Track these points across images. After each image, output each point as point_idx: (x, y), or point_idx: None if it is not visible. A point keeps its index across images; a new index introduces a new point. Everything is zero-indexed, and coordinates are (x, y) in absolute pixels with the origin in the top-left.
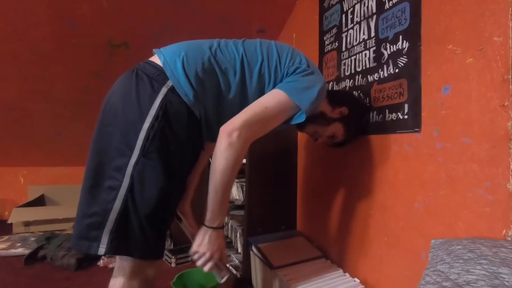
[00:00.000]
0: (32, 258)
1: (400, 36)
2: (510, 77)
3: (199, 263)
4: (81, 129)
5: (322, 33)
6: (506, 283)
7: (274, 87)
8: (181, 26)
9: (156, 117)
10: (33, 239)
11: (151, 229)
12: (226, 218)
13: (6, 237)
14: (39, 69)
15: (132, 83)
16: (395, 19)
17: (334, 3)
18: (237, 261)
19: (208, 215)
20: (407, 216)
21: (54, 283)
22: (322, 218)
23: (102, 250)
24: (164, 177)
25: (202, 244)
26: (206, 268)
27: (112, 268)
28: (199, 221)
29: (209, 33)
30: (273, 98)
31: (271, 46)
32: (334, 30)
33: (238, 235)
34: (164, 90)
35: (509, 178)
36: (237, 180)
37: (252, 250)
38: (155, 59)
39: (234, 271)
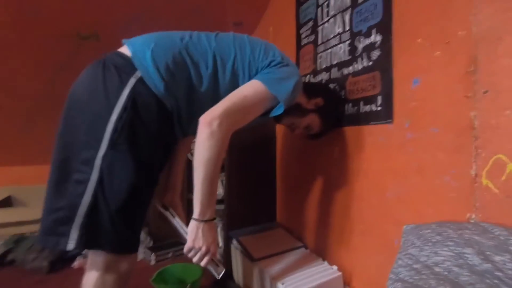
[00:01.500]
0: (0, 262)
1: (373, 30)
2: (472, 69)
3: (195, 259)
4: (48, 125)
5: (298, 26)
6: (469, 262)
7: (246, 80)
8: (154, 17)
9: (124, 109)
10: (0, 242)
11: (122, 223)
12: None
13: None
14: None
15: (99, 74)
16: (368, 13)
17: None
18: (218, 255)
19: (198, 208)
20: (380, 205)
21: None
22: (301, 209)
23: (71, 245)
24: (133, 170)
25: (196, 239)
26: (203, 263)
27: None
28: (188, 216)
29: (183, 25)
30: (251, 88)
31: (243, 41)
32: (310, 24)
33: (218, 229)
34: (132, 81)
35: (472, 165)
36: None
37: (233, 244)
38: (124, 49)
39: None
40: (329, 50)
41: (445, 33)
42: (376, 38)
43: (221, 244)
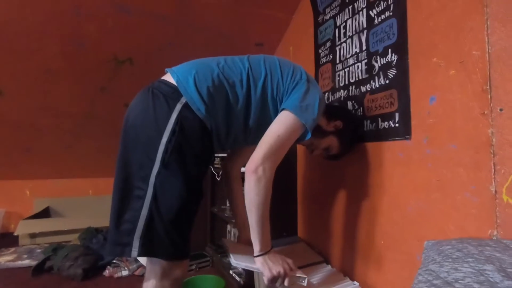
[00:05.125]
0: (39, 269)
1: (389, 50)
2: (488, 87)
3: (279, 283)
4: (87, 143)
5: (317, 46)
6: (490, 279)
7: (275, 99)
8: (182, 43)
9: (173, 132)
10: (39, 250)
11: (175, 233)
12: (229, 226)
13: (13, 249)
14: (48, 86)
15: (149, 102)
16: (384, 33)
17: (327, 18)
18: (240, 268)
19: (258, 245)
20: (402, 220)
21: None
22: (322, 224)
23: (134, 253)
24: (182, 185)
25: (271, 268)
26: (287, 283)
27: (118, 278)
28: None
29: (210, 49)
30: (282, 125)
31: (274, 62)
32: (329, 44)
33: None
34: (178, 106)
35: (491, 181)
36: None
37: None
38: (168, 77)
39: (237, 278)
40: (347, 69)
41: (460, 53)
42: (392, 57)
43: None
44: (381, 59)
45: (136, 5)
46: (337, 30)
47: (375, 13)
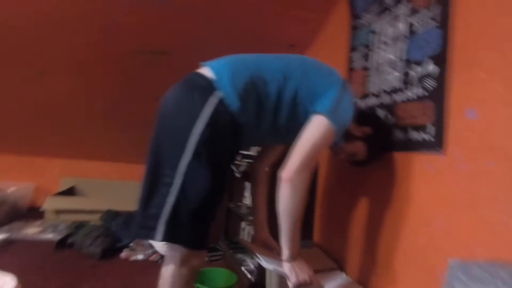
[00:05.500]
0: (61, 244)
1: (430, 60)
2: None
3: None
4: (115, 129)
5: (350, 50)
6: None
7: (307, 101)
8: (216, 39)
9: (205, 124)
10: (63, 226)
11: (197, 222)
12: (243, 223)
13: (39, 222)
14: (85, 72)
15: (185, 94)
16: (426, 43)
17: (364, 22)
18: (252, 265)
19: (288, 251)
20: (427, 235)
21: (80, 269)
22: (340, 231)
23: (158, 237)
24: (211, 177)
25: (298, 275)
26: None
27: (133, 261)
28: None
29: (242, 47)
30: (316, 130)
31: (309, 63)
32: (363, 49)
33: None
34: (213, 100)
35: None
36: None
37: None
38: (205, 71)
39: (248, 275)
40: (380, 76)
41: (506, 67)
42: (431, 67)
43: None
44: (419, 68)
45: None
46: (373, 36)
47: (418, 21)
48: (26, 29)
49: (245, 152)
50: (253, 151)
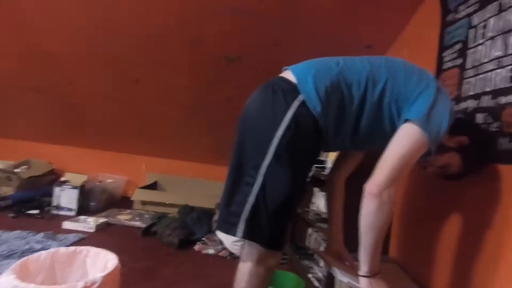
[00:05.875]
0: (146, 231)
1: None
2: None
3: None
4: (192, 131)
5: (442, 49)
6: None
7: (393, 106)
8: (290, 43)
9: (288, 127)
10: (147, 216)
11: (275, 223)
12: (310, 229)
13: (129, 211)
14: (169, 78)
15: (269, 96)
16: None
17: (460, 16)
18: (320, 273)
19: (367, 267)
20: None
21: (160, 256)
22: (424, 248)
23: (239, 234)
24: (290, 180)
25: None
26: None
27: (204, 254)
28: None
29: (316, 49)
30: (406, 141)
31: (398, 65)
32: (458, 46)
33: (322, 248)
34: (296, 103)
35: None
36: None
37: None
38: (288, 75)
39: (315, 283)
40: (481, 76)
41: None
42: None
43: (322, 263)
44: None
45: (250, 8)
46: (472, 31)
47: None
48: (128, 41)
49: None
50: (324, 157)
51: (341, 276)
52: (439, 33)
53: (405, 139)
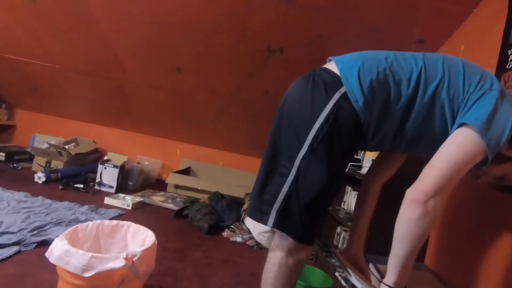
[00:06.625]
0: (178, 214)
1: None
2: None
3: None
4: (227, 120)
5: (505, 46)
6: None
7: (448, 108)
8: (333, 36)
9: (326, 120)
10: (180, 199)
11: (307, 216)
12: (339, 228)
13: (163, 193)
14: (211, 68)
15: (309, 87)
16: None
17: None
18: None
19: (396, 277)
20: None
21: (190, 238)
22: (464, 261)
23: (270, 222)
24: (325, 174)
25: None
26: None
27: (232, 242)
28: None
29: (362, 43)
30: (461, 147)
31: (456, 64)
32: None
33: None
34: (337, 96)
35: None
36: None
37: (369, 268)
38: (331, 66)
39: (342, 282)
40: None
41: None
42: None
43: None
44: None
45: None
46: None
47: None
48: (176, 31)
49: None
50: (361, 156)
51: (356, 282)
52: (504, 28)
53: (460, 144)
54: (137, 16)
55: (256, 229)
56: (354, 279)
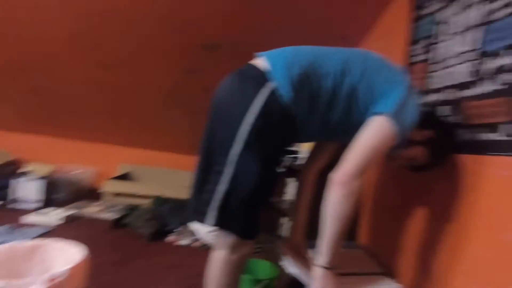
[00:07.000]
0: (117, 223)
1: (508, 50)
2: None
3: None
4: (167, 120)
5: (410, 43)
6: None
7: (367, 100)
8: (267, 32)
9: (258, 115)
10: (119, 208)
11: (246, 212)
12: (283, 219)
13: (98, 203)
14: (143, 64)
15: (239, 84)
16: (505, 31)
17: (428, 12)
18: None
19: (327, 257)
20: (496, 247)
21: (132, 247)
22: (391, 235)
23: (211, 222)
24: (260, 168)
25: (325, 286)
26: None
27: (178, 245)
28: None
29: (294, 39)
30: (378, 133)
31: (372, 59)
32: (425, 41)
33: None
34: (266, 91)
35: None
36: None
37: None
38: (260, 62)
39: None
40: (445, 70)
41: None
42: (510, 59)
43: None
44: (496, 60)
45: None
46: (439, 26)
47: (497, 7)
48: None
49: (289, 148)
50: (297, 147)
51: (291, 267)
52: (408, 27)
53: (375, 131)
54: (58, 7)
55: (203, 229)
56: (291, 266)
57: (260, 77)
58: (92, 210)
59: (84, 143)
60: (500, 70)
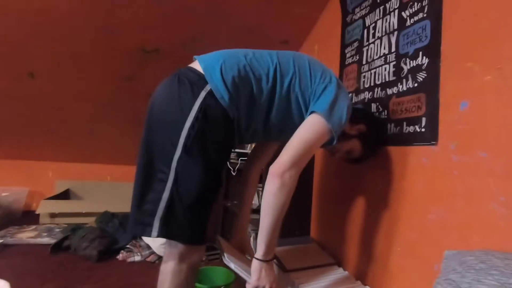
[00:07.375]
0: (57, 247)
1: (420, 52)
2: None
3: None
4: (108, 130)
5: (343, 46)
6: None
7: (301, 99)
8: (208, 35)
9: (196, 118)
10: (58, 230)
11: (193, 218)
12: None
13: (34, 226)
14: (76, 71)
15: (175, 88)
16: (416, 35)
17: (356, 18)
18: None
19: (263, 250)
20: (422, 228)
21: (76, 272)
22: (338, 226)
23: (154, 233)
24: (203, 171)
25: (260, 278)
26: None
27: (130, 263)
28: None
29: (234, 42)
30: (310, 128)
31: (304, 61)
32: (356, 44)
33: (251, 238)
34: (203, 94)
35: None
36: None
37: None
38: (195, 65)
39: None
40: (373, 70)
41: (497, 58)
42: (423, 60)
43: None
44: (411, 61)
45: None
46: (365, 31)
47: (408, 14)
48: (21, 26)
49: (240, 151)
50: (248, 150)
51: (227, 262)
52: (341, 31)
53: (310, 127)
54: None
55: (156, 242)
56: (226, 260)
57: (198, 81)
58: (26, 235)
59: (14, 162)
60: (414, 70)
